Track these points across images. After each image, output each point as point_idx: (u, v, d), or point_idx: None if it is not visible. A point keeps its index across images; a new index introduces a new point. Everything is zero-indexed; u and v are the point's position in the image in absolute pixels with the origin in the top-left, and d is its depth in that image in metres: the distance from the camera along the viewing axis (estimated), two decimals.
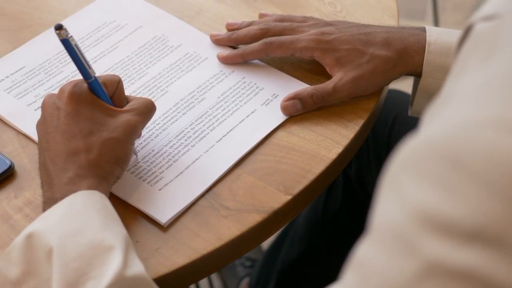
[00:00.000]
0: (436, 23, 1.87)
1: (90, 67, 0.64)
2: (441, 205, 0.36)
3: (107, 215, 0.59)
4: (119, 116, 0.64)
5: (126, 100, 0.67)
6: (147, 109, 0.66)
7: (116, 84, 0.66)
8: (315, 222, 1.12)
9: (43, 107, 0.65)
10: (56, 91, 0.75)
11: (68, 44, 0.62)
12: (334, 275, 1.22)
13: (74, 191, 0.59)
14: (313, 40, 0.76)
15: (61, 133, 0.62)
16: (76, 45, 0.63)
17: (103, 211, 0.59)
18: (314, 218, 1.11)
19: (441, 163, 0.36)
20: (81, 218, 0.57)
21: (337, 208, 1.09)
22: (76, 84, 0.64)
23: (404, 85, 1.06)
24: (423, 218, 0.36)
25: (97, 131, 0.62)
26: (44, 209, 0.61)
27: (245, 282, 1.41)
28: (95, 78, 0.64)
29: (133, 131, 0.64)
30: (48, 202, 0.60)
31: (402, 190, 0.38)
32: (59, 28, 0.62)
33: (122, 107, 0.66)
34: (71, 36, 0.62)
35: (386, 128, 0.97)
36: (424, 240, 0.36)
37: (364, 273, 0.39)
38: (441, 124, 0.38)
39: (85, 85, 0.64)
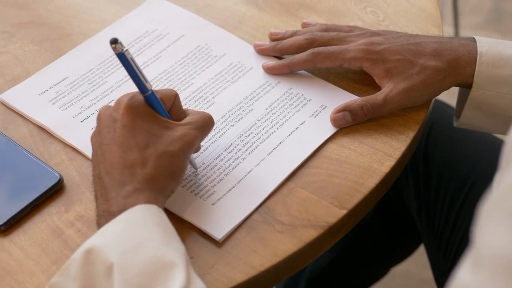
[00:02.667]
0: (456, 27, 1.86)
1: (146, 81, 0.63)
2: None
3: (166, 230, 0.58)
4: (176, 129, 0.63)
5: (184, 113, 0.66)
6: (205, 123, 0.65)
7: (173, 99, 0.65)
8: None
9: (99, 118, 0.64)
10: (101, 102, 0.75)
11: (124, 58, 0.61)
12: (363, 284, 1.21)
13: (132, 204, 0.58)
14: (362, 50, 0.75)
15: (118, 145, 0.61)
16: (132, 59, 0.62)
17: (161, 226, 0.58)
18: None
19: None
20: (141, 233, 0.56)
21: (370, 216, 1.08)
22: (133, 96, 0.63)
23: None
24: None
25: (153, 144, 0.61)
26: (99, 223, 0.60)
27: None
28: (152, 92, 0.63)
29: (190, 145, 0.63)
30: (104, 215, 0.59)
31: None
32: (114, 42, 0.60)
33: (180, 121, 0.65)
34: (126, 50, 0.61)
35: (423, 136, 0.96)
36: None
37: None
38: None
39: (142, 97, 0.63)
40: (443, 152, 0.96)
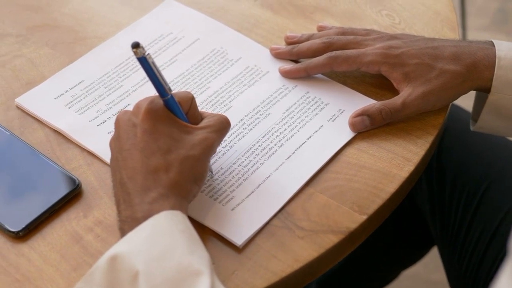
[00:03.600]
0: (464, 28, 1.86)
1: (166, 84, 0.62)
2: None
3: (191, 237, 0.57)
4: (196, 133, 0.63)
5: (200, 116, 0.66)
6: (223, 126, 0.65)
7: (190, 101, 0.65)
8: None
9: (117, 123, 0.64)
10: (117, 106, 0.75)
11: (145, 62, 0.61)
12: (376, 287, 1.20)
13: (157, 211, 0.57)
14: (380, 54, 0.74)
15: (140, 150, 0.60)
16: (153, 63, 0.61)
17: (186, 233, 0.57)
18: None
19: None
20: (166, 240, 0.56)
21: None
22: (152, 100, 0.62)
23: None
24: None
25: (175, 148, 0.61)
26: (122, 228, 0.59)
27: None
28: (172, 96, 0.62)
29: (210, 148, 0.63)
30: (128, 221, 0.59)
31: None
32: (136, 46, 0.60)
33: (197, 123, 0.65)
34: (148, 54, 0.61)
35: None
36: None
37: None
38: None
39: (161, 101, 0.63)
40: (457, 155, 0.95)
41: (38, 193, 0.67)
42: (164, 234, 0.56)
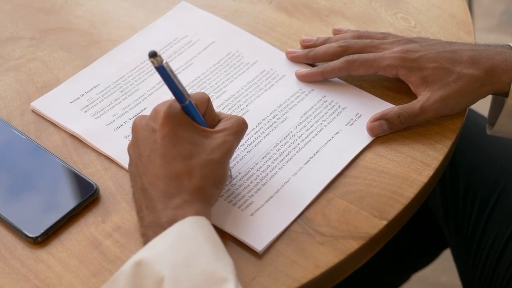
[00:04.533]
0: (473, 30, 1.85)
1: (184, 90, 0.62)
2: None
3: (216, 243, 0.57)
4: (214, 137, 0.62)
5: (217, 117, 0.65)
6: (240, 128, 0.64)
7: (207, 103, 0.64)
8: None
9: (135, 129, 0.63)
10: (133, 110, 0.75)
11: (163, 71, 0.60)
12: None
13: (182, 216, 0.57)
14: (398, 58, 0.74)
15: (160, 156, 0.60)
16: (171, 71, 0.61)
17: (211, 239, 0.57)
18: None
19: None
20: (191, 246, 0.56)
21: None
22: (170, 104, 0.62)
23: None
24: None
25: (196, 153, 0.60)
26: (145, 234, 0.59)
27: None
28: (190, 101, 0.62)
29: (230, 151, 0.62)
30: (151, 226, 0.58)
31: None
32: (153, 55, 0.59)
33: (214, 125, 0.64)
34: (166, 62, 0.60)
35: None
36: None
37: None
38: None
39: (179, 105, 0.62)
40: (471, 158, 0.95)
41: (56, 198, 0.66)
42: (189, 240, 0.56)
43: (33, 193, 0.67)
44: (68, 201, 0.65)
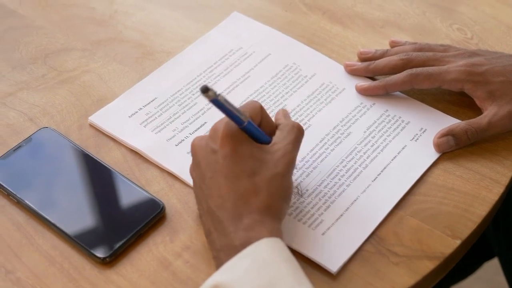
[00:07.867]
0: None
1: (240, 112, 0.60)
2: None
3: (294, 267, 0.56)
4: (274, 149, 0.61)
5: (273, 123, 0.64)
6: (296, 137, 0.62)
7: (260, 112, 0.63)
8: None
9: (194, 151, 0.62)
10: (193, 125, 0.73)
11: (218, 103, 0.59)
12: None
13: (255, 238, 0.56)
14: (463, 71, 0.73)
15: (224, 176, 0.58)
16: (225, 100, 0.59)
17: (290, 262, 0.55)
18: None
19: None
20: (270, 270, 0.54)
21: None
22: (228, 121, 0.60)
23: None
24: None
25: (259, 169, 0.59)
26: (218, 257, 0.57)
27: None
28: (249, 121, 0.60)
29: (292, 162, 0.61)
30: (224, 250, 0.57)
31: None
32: (205, 90, 0.57)
33: (273, 131, 0.63)
34: (219, 95, 0.58)
35: None
36: None
37: None
38: None
39: None
40: None
41: (123, 216, 0.65)
42: (267, 263, 0.54)
43: (99, 211, 0.65)
44: (135, 220, 0.64)
